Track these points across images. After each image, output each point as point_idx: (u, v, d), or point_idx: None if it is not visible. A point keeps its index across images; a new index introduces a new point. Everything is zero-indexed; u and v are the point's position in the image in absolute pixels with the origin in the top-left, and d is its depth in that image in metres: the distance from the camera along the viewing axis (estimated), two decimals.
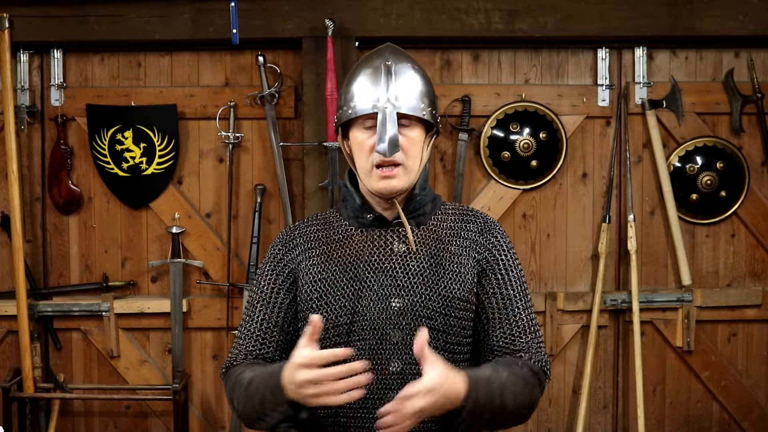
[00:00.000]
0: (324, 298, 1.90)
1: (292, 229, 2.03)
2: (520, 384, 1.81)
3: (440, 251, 1.93)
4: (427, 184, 2.00)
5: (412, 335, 1.85)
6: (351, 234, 1.96)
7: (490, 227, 1.99)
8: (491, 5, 3.70)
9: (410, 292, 1.88)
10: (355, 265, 1.91)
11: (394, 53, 1.95)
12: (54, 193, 3.87)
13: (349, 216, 1.99)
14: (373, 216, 1.95)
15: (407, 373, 1.86)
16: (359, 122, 1.91)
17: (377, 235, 1.94)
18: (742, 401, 3.98)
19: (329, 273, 1.92)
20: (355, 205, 1.97)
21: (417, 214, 1.96)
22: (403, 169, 1.89)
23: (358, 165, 1.93)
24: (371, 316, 1.87)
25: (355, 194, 1.98)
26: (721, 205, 3.94)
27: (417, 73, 1.94)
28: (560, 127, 3.87)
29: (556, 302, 3.88)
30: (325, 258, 1.94)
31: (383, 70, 1.90)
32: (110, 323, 3.85)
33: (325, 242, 1.97)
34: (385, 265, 1.90)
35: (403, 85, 1.90)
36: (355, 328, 1.88)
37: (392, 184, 1.88)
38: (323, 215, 2.04)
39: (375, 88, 1.89)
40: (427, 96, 1.93)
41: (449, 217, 2.00)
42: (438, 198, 2.05)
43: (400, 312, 1.87)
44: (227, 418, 3.95)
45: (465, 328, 1.92)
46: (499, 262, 1.96)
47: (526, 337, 1.92)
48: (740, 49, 3.92)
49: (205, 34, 3.71)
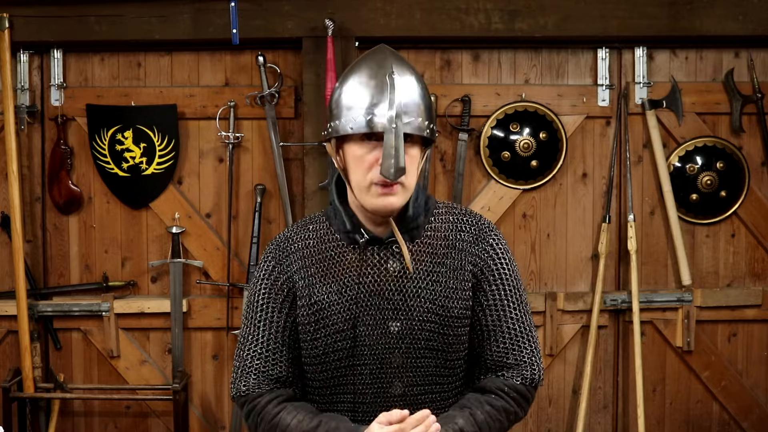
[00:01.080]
0: (322, 322, 1.86)
1: (282, 241, 1.95)
2: (499, 418, 1.86)
3: (435, 266, 1.88)
4: (419, 194, 1.91)
5: (413, 357, 1.86)
6: (344, 251, 1.88)
7: (484, 234, 1.93)
8: (491, 5, 3.70)
9: (407, 315, 1.85)
10: (351, 287, 1.86)
11: (396, 61, 1.83)
12: (54, 193, 3.87)
13: (339, 230, 1.90)
14: (366, 237, 1.87)
15: (409, 395, 1.87)
16: (356, 135, 1.80)
17: (370, 253, 1.87)
18: (742, 401, 3.98)
19: (326, 295, 1.86)
20: (346, 227, 1.88)
21: (411, 228, 1.88)
22: (401, 188, 1.80)
23: (353, 179, 1.83)
24: (371, 341, 1.85)
25: (344, 215, 1.89)
26: (721, 205, 3.94)
27: (418, 82, 1.83)
28: (560, 127, 3.87)
29: (556, 302, 3.88)
30: (321, 278, 1.87)
31: (388, 83, 1.77)
32: (110, 323, 3.85)
33: (319, 258, 1.89)
34: (381, 287, 1.85)
35: (407, 101, 1.78)
36: (355, 353, 1.86)
37: (391, 201, 1.80)
38: (314, 227, 1.94)
39: (378, 103, 1.77)
40: (428, 110, 1.82)
41: (443, 225, 1.92)
42: (430, 199, 1.96)
43: (399, 335, 1.85)
44: (227, 418, 3.95)
45: (462, 343, 1.91)
46: (494, 272, 1.92)
47: (519, 350, 1.91)
48: (740, 49, 3.92)
49: (205, 34, 3.71)
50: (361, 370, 1.85)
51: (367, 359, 1.85)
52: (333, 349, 1.86)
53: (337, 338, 1.85)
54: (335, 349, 1.86)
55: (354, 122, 1.78)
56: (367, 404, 1.87)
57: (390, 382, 1.86)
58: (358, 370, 1.85)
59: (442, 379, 1.90)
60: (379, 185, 1.79)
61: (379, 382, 1.86)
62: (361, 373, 1.85)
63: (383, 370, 1.86)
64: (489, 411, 1.85)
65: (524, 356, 1.91)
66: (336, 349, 1.86)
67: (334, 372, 1.87)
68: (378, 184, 1.79)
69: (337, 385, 1.89)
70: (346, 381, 1.87)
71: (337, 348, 1.86)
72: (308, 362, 1.90)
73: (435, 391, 1.90)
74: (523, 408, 1.91)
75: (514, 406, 1.89)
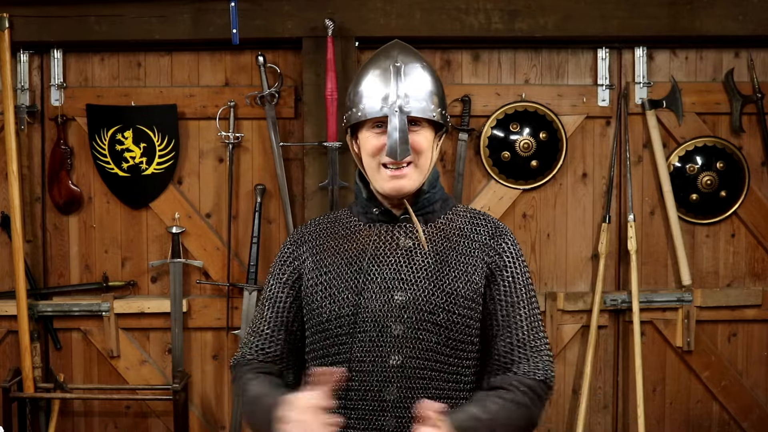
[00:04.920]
0: (327, 290, 1.93)
1: (302, 228, 2.08)
2: (513, 411, 1.84)
3: (447, 249, 1.94)
4: (437, 183, 2.02)
5: (414, 329, 1.87)
6: (358, 229, 1.99)
7: (501, 232, 2.00)
8: (491, 5, 3.70)
9: (413, 286, 1.89)
10: (360, 257, 1.93)
11: (403, 52, 1.96)
12: (54, 193, 3.87)
13: (358, 212, 2.02)
14: (380, 210, 1.97)
15: (407, 366, 1.87)
16: (368, 124, 1.93)
17: (384, 229, 1.97)
18: (742, 401, 3.98)
19: (334, 266, 1.95)
20: (363, 200, 2.00)
21: (425, 212, 1.98)
22: (414, 168, 1.91)
23: (366, 165, 1.95)
24: (373, 308, 1.89)
25: (364, 189, 2.01)
26: (721, 205, 3.94)
27: (426, 71, 1.95)
28: (560, 127, 3.87)
29: (556, 302, 3.88)
30: (331, 252, 1.97)
31: (392, 71, 1.91)
32: (110, 323, 3.85)
33: (332, 237, 2.00)
34: (389, 259, 1.92)
35: (412, 87, 1.91)
36: (357, 320, 1.89)
37: (401, 183, 1.91)
38: (335, 214, 2.08)
39: (384, 90, 1.90)
40: (437, 95, 1.94)
41: (459, 218, 2.01)
42: (450, 199, 2.06)
43: (403, 305, 1.88)
44: (227, 418, 3.95)
45: (470, 327, 1.92)
46: (508, 268, 1.96)
47: (527, 347, 1.92)
48: (740, 49, 3.92)
49: (205, 34, 3.71)
50: (361, 337, 1.88)
51: (368, 326, 1.88)
52: (336, 315, 1.91)
53: (341, 305, 1.91)
54: (338, 315, 1.91)
55: (363, 110, 1.92)
56: (364, 372, 1.89)
57: (388, 353, 1.88)
58: (359, 337, 1.89)
59: (443, 357, 1.89)
60: (389, 168, 1.90)
61: (377, 350, 1.88)
62: (361, 340, 1.88)
63: (383, 338, 1.88)
64: (500, 403, 1.84)
65: (533, 353, 1.92)
66: (339, 315, 1.91)
67: (335, 340, 1.91)
68: (388, 167, 1.90)
69: (336, 354, 1.92)
70: (345, 349, 1.90)
71: (341, 314, 1.91)
72: (311, 332, 1.96)
73: (435, 368, 1.89)
74: (536, 404, 1.89)
75: (525, 399, 1.87)
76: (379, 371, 1.88)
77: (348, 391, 1.89)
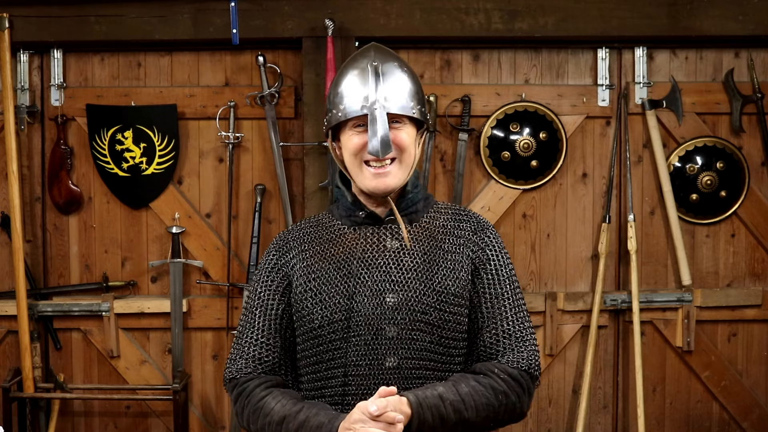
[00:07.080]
0: (318, 296, 1.92)
1: (285, 234, 2.06)
2: (489, 396, 1.84)
3: (433, 248, 1.96)
4: (418, 182, 2.03)
5: (408, 330, 1.88)
6: (344, 232, 1.98)
7: (483, 227, 2.02)
8: (491, 5, 3.70)
9: (404, 288, 1.90)
10: (349, 262, 1.93)
11: (379, 53, 1.97)
12: (54, 193, 3.87)
13: (341, 215, 2.01)
14: (365, 213, 1.97)
15: (403, 367, 1.88)
16: (349, 124, 1.93)
17: (370, 232, 1.96)
18: (742, 401, 3.98)
19: (322, 271, 1.94)
20: (347, 204, 2.00)
21: (409, 212, 1.99)
22: (397, 165, 1.92)
23: (349, 165, 1.95)
24: (366, 312, 1.89)
25: (347, 193, 2.01)
26: (721, 205, 3.94)
27: (404, 72, 1.96)
28: (560, 127, 3.87)
29: (556, 302, 3.88)
30: (319, 258, 1.96)
31: (370, 70, 1.92)
32: (110, 323, 3.85)
33: (318, 242, 1.99)
34: (378, 261, 1.92)
35: (391, 85, 1.92)
36: (351, 324, 1.89)
37: (386, 181, 1.91)
38: (316, 218, 2.07)
39: (363, 89, 1.91)
40: (416, 94, 1.96)
41: (442, 216, 2.02)
42: (430, 197, 2.07)
43: (395, 307, 1.89)
44: (227, 418, 3.95)
45: (460, 324, 1.94)
46: (491, 261, 1.98)
47: (513, 337, 1.93)
48: (740, 49, 3.92)
49: (205, 34, 3.71)
50: (356, 341, 1.89)
51: (362, 330, 1.89)
52: (329, 321, 1.90)
53: (333, 310, 1.90)
54: (331, 321, 1.90)
55: (344, 111, 1.93)
56: (361, 377, 1.89)
57: (384, 355, 1.88)
58: (353, 341, 1.89)
59: (436, 356, 1.91)
60: (372, 166, 1.91)
61: (373, 353, 1.88)
62: (356, 344, 1.89)
63: (378, 341, 1.88)
64: (474, 386, 1.84)
65: (518, 343, 1.93)
66: (332, 321, 1.90)
67: (329, 345, 1.91)
68: (370, 165, 1.91)
69: (330, 359, 1.91)
70: (340, 354, 1.90)
71: (333, 320, 1.90)
72: (303, 339, 1.95)
73: (429, 367, 1.91)
74: (517, 393, 1.88)
75: (504, 386, 1.87)
76: (375, 374, 1.88)
77: (345, 396, 1.90)
